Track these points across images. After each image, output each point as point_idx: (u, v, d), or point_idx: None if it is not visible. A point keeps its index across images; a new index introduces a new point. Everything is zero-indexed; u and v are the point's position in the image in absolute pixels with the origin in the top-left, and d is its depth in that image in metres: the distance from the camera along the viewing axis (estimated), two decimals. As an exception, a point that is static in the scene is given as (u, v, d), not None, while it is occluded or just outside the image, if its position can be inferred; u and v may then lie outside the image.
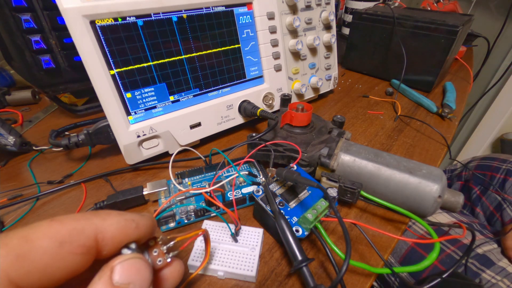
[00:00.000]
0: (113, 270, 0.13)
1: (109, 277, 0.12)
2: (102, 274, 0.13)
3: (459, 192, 0.27)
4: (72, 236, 0.12)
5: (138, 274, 0.13)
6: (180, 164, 0.35)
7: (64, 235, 0.12)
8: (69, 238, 0.12)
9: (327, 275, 0.23)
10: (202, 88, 0.35)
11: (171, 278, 0.16)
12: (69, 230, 0.12)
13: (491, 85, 0.59)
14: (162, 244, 0.16)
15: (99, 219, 0.13)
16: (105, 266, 0.13)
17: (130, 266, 0.13)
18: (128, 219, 0.14)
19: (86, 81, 0.29)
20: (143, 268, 0.13)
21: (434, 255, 0.21)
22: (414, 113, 0.47)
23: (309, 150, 0.31)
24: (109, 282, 0.12)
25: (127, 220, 0.14)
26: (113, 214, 0.14)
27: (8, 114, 0.46)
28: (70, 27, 0.26)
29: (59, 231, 0.12)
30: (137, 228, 0.14)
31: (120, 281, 0.12)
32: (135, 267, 0.13)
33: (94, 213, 0.14)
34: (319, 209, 0.23)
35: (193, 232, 0.18)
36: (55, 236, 0.12)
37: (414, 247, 0.49)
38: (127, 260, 0.13)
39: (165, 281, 0.16)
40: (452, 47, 0.48)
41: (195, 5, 0.32)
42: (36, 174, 0.33)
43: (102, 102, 0.29)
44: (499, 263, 0.44)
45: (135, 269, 0.13)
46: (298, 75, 0.45)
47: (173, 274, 0.16)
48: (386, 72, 0.58)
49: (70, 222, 0.13)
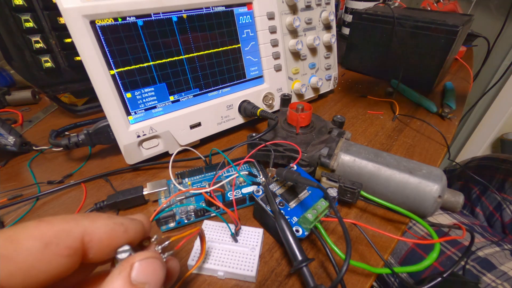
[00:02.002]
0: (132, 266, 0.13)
1: (128, 274, 0.12)
2: (122, 269, 0.12)
3: (459, 192, 0.27)
4: (59, 237, 0.12)
5: (154, 275, 0.13)
6: (180, 164, 0.35)
7: (50, 236, 0.12)
8: (55, 240, 0.12)
9: (327, 275, 0.23)
10: (202, 88, 0.35)
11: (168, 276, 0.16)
12: (56, 231, 0.12)
13: (491, 85, 0.59)
14: (157, 244, 0.16)
15: (87, 221, 0.13)
16: (125, 261, 0.13)
17: (148, 265, 0.13)
18: (117, 223, 0.14)
19: (86, 81, 0.29)
20: (159, 268, 0.13)
21: (434, 255, 0.21)
22: (414, 113, 0.47)
23: (309, 150, 0.31)
24: (128, 280, 0.12)
25: (116, 224, 0.14)
26: (102, 217, 0.14)
27: (8, 114, 0.46)
28: (70, 27, 0.26)
29: (45, 232, 0.12)
30: (125, 232, 0.14)
31: (138, 280, 0.12)
32: (153, 266, 0.13)
33: (83, 215, 0.14)
34: (319, 209, 0.23)
35: (188, 231, 0.18)
36: (41, 237, 0.12)
37: (414, 248, 0.49)
38: (146, 259, 0.13)
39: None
40: (452, 47, 0.48)
41: (195, 5, 0.32)
42: (36, 174, 0.33)
43: (102, 102, 0.29)
44: (500, 267, 0.44)
45: (152, 269, 0.13)
46: (298, 75, 0.45)
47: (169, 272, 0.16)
48: (386, 72, 0.58)
49: (58, 223, 0.12)
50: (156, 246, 0.16)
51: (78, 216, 0.13)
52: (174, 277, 0.17)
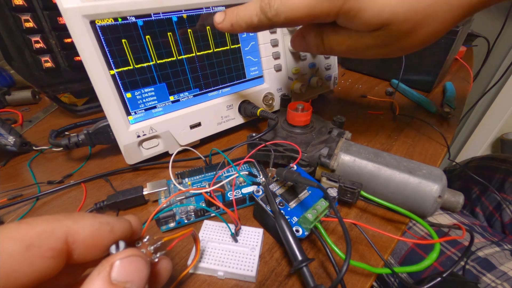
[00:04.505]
0: (112, 266, 0.12)
1: (108, 273, 0.12)
2: (102, 269, 0.12)
3: (459, 192, 0.27)
4: (41, 238, 0.12)
5: (137, 273, 0.13)
6: (180, 164, 0.35)
7: (32, 238, 0.11)
8: (37, 241, 0.11)
9: (327, 275, 0.23)
10: (202, 88, 0.35)
11: (159, 276, 0.16)
12: (38, 232, 0.12)
13: (491, 85, 0.59)
14: (149, 244, 0.16)
15: (71, 221, 0.13)
16: (105, 261, 0.13)
17: (129, 263, 0.13)
18: (102, 222, 0.14)
19: (86, 81, 0.29)
20: (142, 266, 0.13)
21: (434, 255, 0.21)
22: (414, 113, 0.47)
23: (309, 150, 0.31)
24: (107, 279, 0.12)
25: (101, 223, 0.13)
26: (86, 217, 0.14)
27: (8, 114, 0.46)
28: (70, 27, 0.26)
29: (27, 234, 0.11)
30: (111, 232, 0.14)
31: (118, 279, 0.12)
32: (135, 265, 0.13)
33: (67, 215, 0.13)
34: (319, 209, 0.23)
35: (180, 232, 0.18)
36: (22, 239, 0.11)
37: (414, 248, 0.49)
38: (128, 258, 0.13)
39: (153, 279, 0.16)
40: (452, 47, 0.48)
41: (195, 5, 0.32)
42: (36, 174, 0.33)
43: (102, 102, 0.29)
44: (500, 267, 0.44)
45: (134, 267, 0.13)
46: (298, 75, 0.45)
47: (161, 272, 0.16)
48: (386, 72, 0.58)
49: (40, 224, 0.12)
50: (148, 246, 0.15)
51: (60, 216, 0.13)
52: (166, 276, 0.16)
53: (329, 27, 0.25)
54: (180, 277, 0.21)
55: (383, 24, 0.21)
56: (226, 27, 0.26)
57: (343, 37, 0.25)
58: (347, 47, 0.25)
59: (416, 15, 0.20)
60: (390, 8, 0.20)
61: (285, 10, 0.23)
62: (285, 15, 0.23)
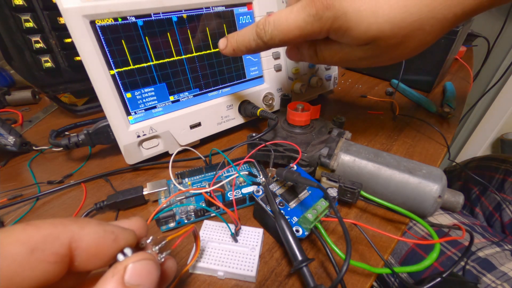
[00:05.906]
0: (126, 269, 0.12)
1: (121, 276, 0.12)
2: (116, 271, 0.12)
3: (459, 192, 0.27)
4: (46, 242, 0.11)
5: (148, 277, 0.13)
6: (180, 164, 0.35)
7: (37, 241, 0.11)
8: (42, 245, 0.11)
9: (327, 275, 0.23)
10: (202, 88, 0.35)
11: (165, 276, 0.16)
12: (43, 236, 0.12)
13: (491, 85, 0.59)
14: (154, 244, 0.16)
15: (76, 226, 0.13)
16: (119, 264, 0.13)
17: (142, 267, 0.13)
18: (107, 231, 0.13)
19: (86, 81, 0.29)
20: (153, 270, 0.13)
21: (434, 255, 0.21)
22: (414, 113, 0.47)
23: (309, 150, 0.31)
24: (121, 281, 0.12)
25: (106, 232, 0.13)
26: (92, 223, 0.13)
27: (8, 114, 0.46)
28: (70, 27, 0.26)
29: (32, 237, 0.11)
30: (115, 241, 0.13)
31: (131, 282, 0.12)
32: (147, 269, 0.13)
33: (73, 219, 0.13)
34: (319, 209, 0.23)
35: (183, 229, 0.18)
36: (27, 242, 0.11)
37: (414, 248, 0.49)
38: (140, 261, 0.13)
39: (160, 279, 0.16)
40: (452, 47, 0.48)
41: (195, 5, 0.32)
42: (36, 174, 0.33)
43: (102, 102, 0.29)
44: (500, 267, 0.43)
45: (146, 271, 0.13)
46: (298, 75, 0.45)
47: (167, 271, 0.16)
48: (386, 72, 0.58)
49: (46, 227, 0.12)
50: (153, 246, 0.15)
51: (66, 221, 0.13)
52: (171, 276, 0.17)
53: (322, 40, 0.26)
54: (180, 274, 0.21)
55: (371, 40, 0.22)
56: (229, 52, 0.29)
57: (335, 50, 0.26)
58: (339, 58, 0.27)
59: (402, 30, 0.21)
60: (377, 26, 0.21)
61: (278, 34, 0.25)
62: (279, 38, 0.25)
